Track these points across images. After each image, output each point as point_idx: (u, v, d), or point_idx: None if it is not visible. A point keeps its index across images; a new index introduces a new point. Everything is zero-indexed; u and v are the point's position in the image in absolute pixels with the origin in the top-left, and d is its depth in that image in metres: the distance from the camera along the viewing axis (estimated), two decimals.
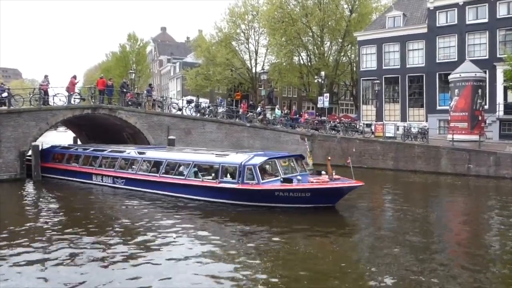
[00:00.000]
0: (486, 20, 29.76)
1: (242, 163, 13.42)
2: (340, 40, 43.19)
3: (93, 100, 23.79)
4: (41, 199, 16.20)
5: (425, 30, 32.80)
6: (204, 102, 32.00)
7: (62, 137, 44.57)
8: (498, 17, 29.30)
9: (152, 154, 17.31)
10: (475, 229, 11.80)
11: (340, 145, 25.74)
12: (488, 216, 13.21)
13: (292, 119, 29.91)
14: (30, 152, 20.30)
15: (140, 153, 17.67)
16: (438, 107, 31.81)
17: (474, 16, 30.45)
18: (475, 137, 22.54)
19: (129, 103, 24.73)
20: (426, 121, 31.83)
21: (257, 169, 13.23)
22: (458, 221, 12.98)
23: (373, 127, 27.00)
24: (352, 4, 42.52)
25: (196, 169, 14.91)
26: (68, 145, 21.93)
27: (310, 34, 43.25)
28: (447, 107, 26.44)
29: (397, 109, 34.79)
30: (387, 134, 25.23)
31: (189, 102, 28.50)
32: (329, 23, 41.81)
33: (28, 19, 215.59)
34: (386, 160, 24.11)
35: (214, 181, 13.98)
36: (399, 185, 19.89)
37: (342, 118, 36.41)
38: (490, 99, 28.26)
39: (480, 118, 23.94)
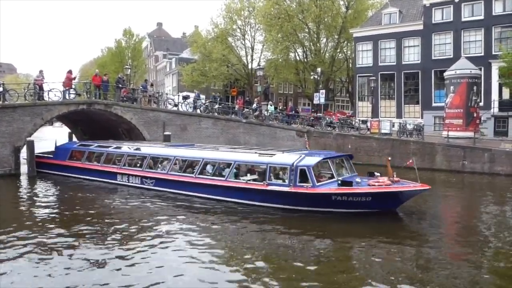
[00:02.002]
0: (481, 17, 29.87)
1: (294, 164, 12.26)
2: (336, 37, 43.21)
3: (88, 96, 23.71)
4: (34, 196, 15.99)
5: (421, 27, 32.87)
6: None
7: (58, 132, 44.34)
8: (493, 14, 29.40)
9: (186, 152, 16.11)
10: (469, 228, 11.86)
11: (336, 141, 25.80)
12: (483, 213, 13.31)
13: (288, 115, 29.93)
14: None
15: (171, 151, 16.47)
16: (434, 104, 31.95)
17: (470, 13, 30.54)
18: (470, 134, 22.68)
19: (125, 99, 24.65)
20: (422, 117, 31.97)
21: (312, 170, 12.11)
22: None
23: (368, 124, 27.07)
24: (348, 1, 42.49)
25: (235, 169, 13.75)
26: (87, 142, 20.43)
27: (306, 30, 43.22)
28: (443, 104, 26.54)
29: (392, 106, 34.90)
30: (382, 131, 25.31)
31: (185, 98, 28.40)
32: (325, 20, 41.78)
33: (23, 14, 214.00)
34: (381, 156, 24.14)
35: (261, 183, 12.76)
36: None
37: (338, 115, 36.51)
38: (485, 96, 28.40)
39: (475, 115, 24.05)
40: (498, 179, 19.44)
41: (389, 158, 13.52)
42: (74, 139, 30.37)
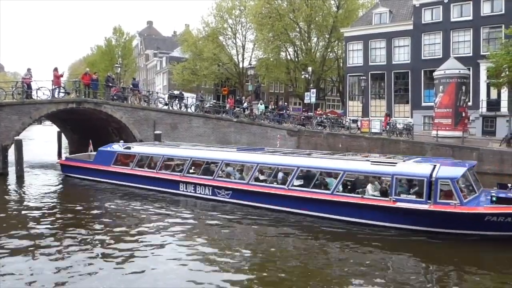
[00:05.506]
0: (470, 18, 30.20)
1: (434, 176, 10.07)
2: (327, 36, 43.39)
3: (77, 94, 23.52)
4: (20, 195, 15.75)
5: (410, 27, 33.13)
6: (191, 97, 31.73)
7: (48, 131, 43.95)
8: (482, 15, 29.74)
9: (272, 158, 13.75)
10: None
11: (327, 140, 25.89)
12: None
13: (279, 114, 29.94)
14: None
15: (252, 157, 14.09)
16: (423, 104, 32.23)
17: (459, 13, 30.87)
18: (458, 133, 22.92)
19: (115, 97, 24.49)
20: (411, 117, 32.24)
21: (457, 184, 9.93)
22: None
23: (359, 123, 27.23)
24: (339, 0, 42.69)
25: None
26: (133, 144, 18.16)
27: (297, 29, 43.34)
28: (432, 104, 26.79)
29: (383, 105, 35.12)
30: (373, 130, 25.47)
31: (178, 97, 28.21)
32: (316, 19, 41.96)
33: (11, 12, 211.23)
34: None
35: (386, 199, 10.53)
36: None
37: (329, 114, 36.67)
38: (473, 96, 28.70)
39: (463, 114, 24.32)
40: (485, 178, 19.58)
41: None
42: (64, 138, 30.09)
